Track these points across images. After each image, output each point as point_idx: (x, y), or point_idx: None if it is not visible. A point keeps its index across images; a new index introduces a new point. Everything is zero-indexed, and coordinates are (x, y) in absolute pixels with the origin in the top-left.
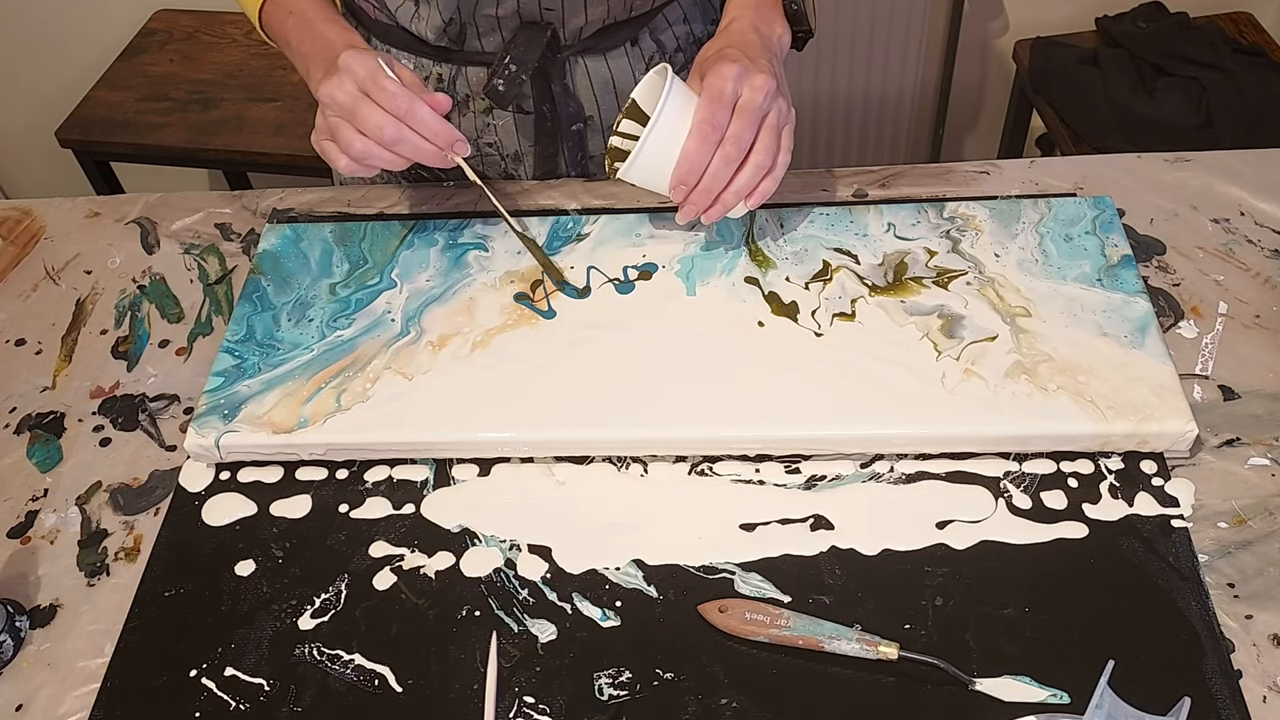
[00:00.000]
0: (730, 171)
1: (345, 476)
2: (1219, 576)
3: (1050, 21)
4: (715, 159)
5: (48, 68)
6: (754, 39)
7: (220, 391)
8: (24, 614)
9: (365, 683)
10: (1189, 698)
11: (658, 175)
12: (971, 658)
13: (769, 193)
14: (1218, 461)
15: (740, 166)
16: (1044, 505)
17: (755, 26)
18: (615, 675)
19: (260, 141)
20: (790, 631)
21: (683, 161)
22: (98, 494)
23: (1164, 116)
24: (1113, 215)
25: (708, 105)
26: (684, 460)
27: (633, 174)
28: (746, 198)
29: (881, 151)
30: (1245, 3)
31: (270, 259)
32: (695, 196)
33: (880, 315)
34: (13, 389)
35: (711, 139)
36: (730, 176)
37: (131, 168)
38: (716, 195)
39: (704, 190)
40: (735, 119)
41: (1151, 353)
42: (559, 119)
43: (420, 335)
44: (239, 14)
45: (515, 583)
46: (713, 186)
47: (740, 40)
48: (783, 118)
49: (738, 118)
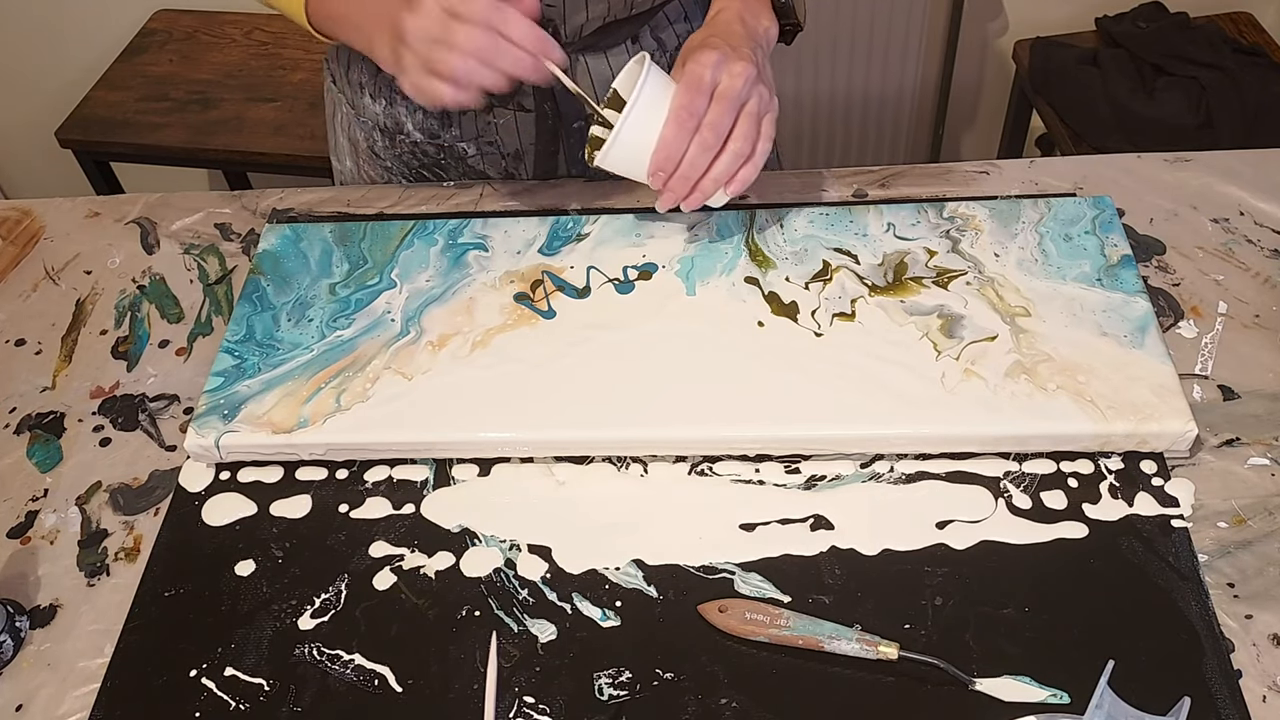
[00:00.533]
0: (708, 158)
1: (345, 476)
2: (1219, 576)
3: (1050, 21)
4: (692, 145)
5: (48, 68)
6: (738, 29)
7: (220, 391)
8: (24, 614)
9: (365, 683)
10: (1189, 698)
11: (635, 162)
12: (971, 658)
13: (748, 180)
14: (1218, 461)
15: (719, 153)
16: (1044, 505)
17: (741, 17)
18: (615, 675)
19: (260, 141)
20: (790, 631)
21: (660, 148)
22: (98, 494)
23: (1164, 116)
24: (1112, 215)
25: (685, 91)
26: (684, 460)
27: (609, 160)
28: (726, 185)
29: (881, 151)
30: (1245, 3)
31: (270, 259)
32: (673, 183)
33: (880, 315)
34: (13, 389)
35: (688, 125)
36: (708, 163)
37: (131, 168)
38: (695, 182)
39: (682, 177)
40: (713, 105)
41: (1151, 353)
42: (560, 117)
43: (420, 335)
44: (239, 14)
45: (515, 583)
46: (690, 173)
47: (724, 30)
48: (763, 105)
49: (715, 104)
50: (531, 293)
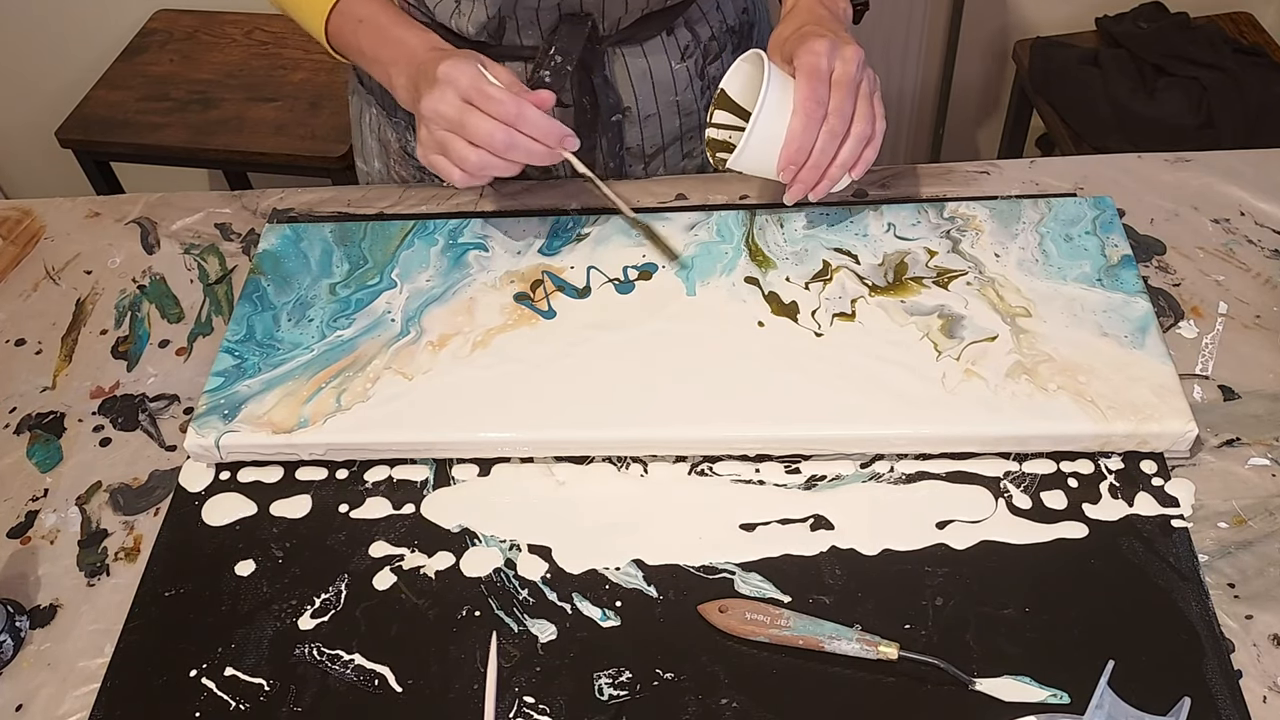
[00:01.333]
0: (836, 145)
1: (345, 476)
2: (1219, 576)
3: (1050, 21)
4: (821, 135)
5: (48, 68)
6: (824, 13)
7: (220, 391)
8: (24, 614)
9: (365, 683)
10: (1189, 698)
11: (765, 159)
12: (971, 658)
13: (871, 161)
14: (1218, 461)
15: (844, 139)
16: (1044, 505)
17: (821, 1)
18: (615, 675)
19: (260, 141)
20: (790, 631)
21: (790, 141)
22: (98, 494)
23: (1164, 116)
24: (1113, 215)
25: (807, 83)
26: (684, 460)
27: (742, 162)
28: (851, 169)
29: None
30: (1245, 3)
31: (270, 259)
32: (804, 174)
33: (880, 315)
34: (13, 389)
35: (816, 115)
36: (835, 150)
37: (131, 168)
38: (824, 170)
39: (813, 166)
40: (834, 93)
41: (1151, 353)
42: (598, 110)
43: (420, 335)
44: (239, 14)
45: (515, 583)
46: (821, 161)
47: (813, 17)
48: (873, 84)
49: (835, 91)
50: (531, 293)
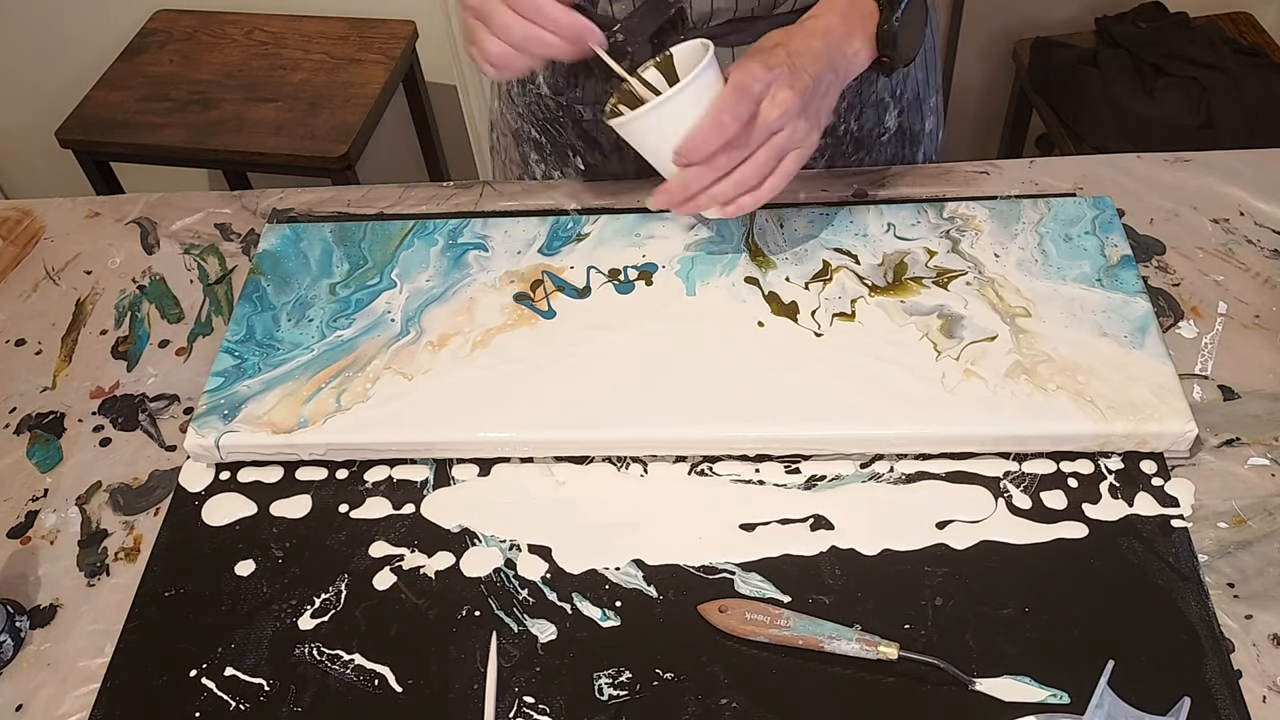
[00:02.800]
0: (713, 176)
1: (345, 476)
2: (1219, 576)
3: (1050, 21)
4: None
5: (48, 68)
6: (818, 45)
7: (220, 391)
8: (24, 614)
9: (365, 683)
10: (1189, 698)
11: (655, 138)
12: (971, 658)
13: (746, 208)
14: (1217, 461)
15: (726, 176)
16: (1044, 505)
17: (828, 33)
18: (615, 675)
19: (260, 141)
20: (790, 631)
21: (689, 139)
22: (98, 494)
23: (1164, 116)
24: (1112, 215)
25: (730, 95)
26: (684, 460)
27: (635, 125)
28: (724, 205)
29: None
30: (1245, 3)
31: (270, 259)
32: (672, 187)
33: (880, 315)
34: (13, 389)
35: (723, 128)
36: (714, 180)
37: (131, 168)
38: (693, 194)
39: (682, 184)
40: (744, 127)
41: (1151, 353)
42: None
43: (420, 335)
44: (239, 14)
45: (515, 583)
46: (692, 184)
47: (802, 44)
48: (793, 141)
49: (746, 126)
50: (531, 293)
